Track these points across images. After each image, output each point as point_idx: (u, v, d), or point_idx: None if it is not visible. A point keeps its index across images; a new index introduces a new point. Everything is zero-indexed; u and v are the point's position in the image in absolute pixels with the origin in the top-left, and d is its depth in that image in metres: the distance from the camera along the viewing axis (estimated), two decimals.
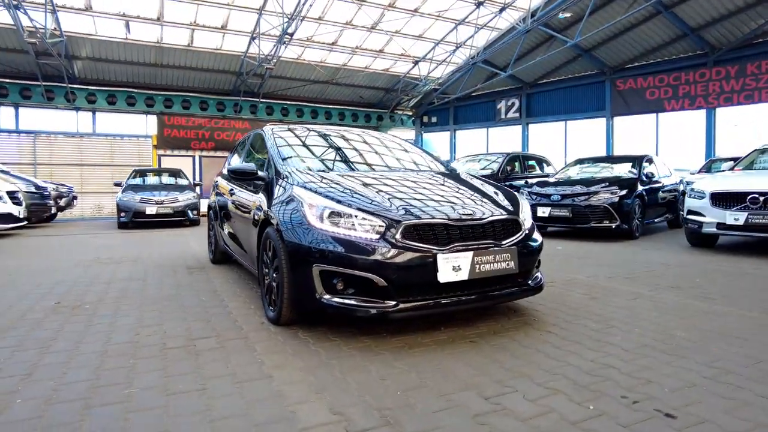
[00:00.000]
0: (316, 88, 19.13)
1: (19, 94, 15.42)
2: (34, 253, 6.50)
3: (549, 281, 4.25)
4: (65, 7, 12.85)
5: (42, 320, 3.13)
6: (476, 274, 2.55)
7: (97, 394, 2.00)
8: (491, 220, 2.73)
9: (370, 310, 2.47)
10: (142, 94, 17.13)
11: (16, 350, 2.56)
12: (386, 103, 20.88)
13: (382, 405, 1.87)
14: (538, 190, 7.91)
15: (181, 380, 2.13)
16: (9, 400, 1.95)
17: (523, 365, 2.27)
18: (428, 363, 2.31)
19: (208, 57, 16.18)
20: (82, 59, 15.41)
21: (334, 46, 16.55)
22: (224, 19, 14.51)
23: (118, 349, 2.54)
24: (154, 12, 13.72)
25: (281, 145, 3.70)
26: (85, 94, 16.28)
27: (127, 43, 14.86)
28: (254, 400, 1.94)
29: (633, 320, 3.02)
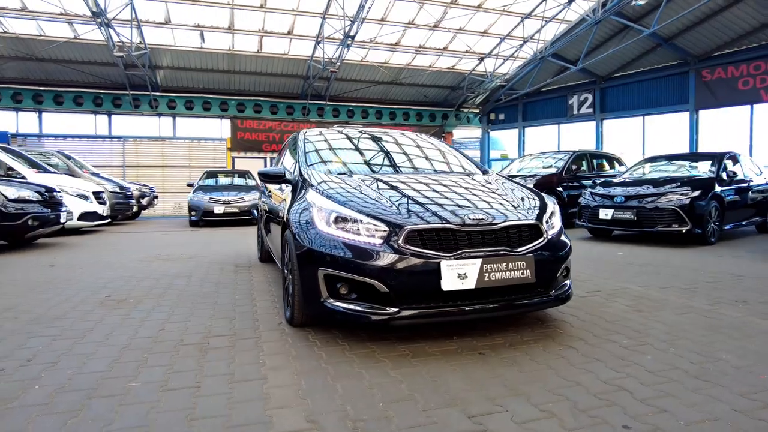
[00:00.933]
0: (380, 89, 19.29)
1: (112, 103, 16.98)
2: (107, 249, 7.12)
3: (593, 290, 3.96)
4: (148, 22, 13.94)
5: (89, 312, 3.39)
6: (485, 282, 2.41)
7: (103, 386, 2.12)
8: (505, 225, 2.57)
9: (371, 317, 2.42)
10: (216, 99, 18.20)
11: (55, 339, 2.79)
12: (451, 102, 20.58)
13: (360, 416, 1.81)
14: (600, 191, 7.41)
15: (181, 377, 2.21)
16: (29, 386, 2.13)
17: (526, 382, 2.11)
18: (425, 374, 2.22)
19: (276, 62, 16.85)
20: (164, 68, 16.65)
21: (397, 47, 16.59)
22: (290, 25, 15.02)
23: (139, 343, 2.70)
24: (226, 21, 14.50)
25: (309, 150, 3.74)
26: (166, 100, 17.59)
27: (202, 52, 15.85)
28: (239, 401, 1.96)
29: (673, 338, 2.71)
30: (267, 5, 13.87)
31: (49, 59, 15.09)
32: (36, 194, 6.87)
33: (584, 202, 7.55)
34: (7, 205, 6.38)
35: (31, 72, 15.66)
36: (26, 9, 13.03)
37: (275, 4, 13.94)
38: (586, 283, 4.24)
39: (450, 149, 4.24)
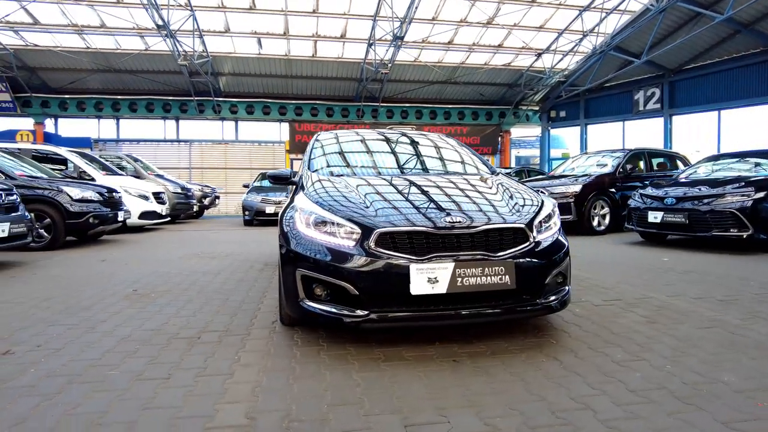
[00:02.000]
0: (434, 89, 19.15)
1: (179, 109, 18.15)
2: (158, 246, 7.63)
3: (613, 299, 3.70)
4: (209, 31, 14.76)
5: (112, 305, 3.66)
6: (457, 288, 2.33)
7: (87, 373, 2.28)
8: (485, 229, 2.47)
9: (343, 319, 2.42)
10: (275, 104, 18.91)
11: (70, 328, 3.04)
12: (509, 99, 20.01)
13: (299, 416, 1.82)
14: (651, 192, 6.89)
15: (158, 368, 2.33)
16: (26, 369, 2.33)
17: (488, 394, 2.02)
18: (388, 379, 2.18)
19: (330, 66, 17.23)
20: (226, 75, 17.55)
21: (450, 45, 16.40)
22: (343, 28, 15.30)
23: (139, 335, 2.87)
24: (281, 27, 15.03)
25: (316, 152, 3.80)
26: (228, 105, 18.52)
27: (260, 58, 16.54)
28: (197, 394, 2.04)
29: (679, 354, 2.48)
30: (319, 10, 14.23)
31: (125, 70, 16.42)
32: (97, 195, 7.50)
33: (633, 204, 7.06)
34: (71, 205, 7.03)
35: (110, 83, 17.10)
36: (105, 25, 14.25)
37: (327, 8, 14.27)
38: (610, 291, 3.97)
39: (464, 150, 4.13)
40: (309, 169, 3.52)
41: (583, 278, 4.54)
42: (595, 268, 5.13)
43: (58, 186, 7.12)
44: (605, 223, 8.60)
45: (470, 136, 20.31)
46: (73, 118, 17.82)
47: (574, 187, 8.48)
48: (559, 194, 8.47)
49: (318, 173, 3.41)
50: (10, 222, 5.16)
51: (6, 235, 5.09)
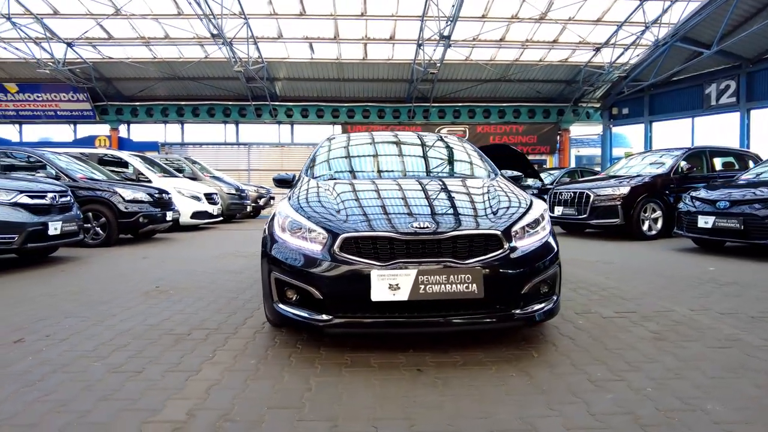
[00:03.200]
0: (487, 87, 18.75)
1: (238, 114, 19.03)
2: (200, 245, 8.05)
3: (628, 311, 3.44)
4: (263, 38, 15.35)
5: (130, 300, 3.91)
6: (420, 295, 2.27)
7: (74, 363, 2.45)
8: (453, 235, 2.38)
9: (310, 323, 2.43)
10: (328, 107, 19.34)
11: (82, 320, 3.28)
12: (567, 97, 19.18)
13: (236, 416, 1.85)
14: (702, 195, 6.34)
15: (136, 362, 2.46)
16: (26, 357, 2.55)
17: (432, 408, 1.95)
18: (341, 384, 2.17)
19: (381, 67, 17.36)
20: (281, 80, 18.17)
21: (502, 42, 15.99)
22: (392, 30, 15.36)
23: (137, 330, 3.04)
24: (331, 32, 15.33)
25: (318, 155, 3.85)
26: (284, 109, 19.17)
27: (313, 63, 16.97)
28: (158, 388, 2.13)
29: (671, 377, 2.26)
30: (368, 13, 14.38)
31: (188, 77, 17.46)
32: (147, 196, 8.03)
33: (683, 208, 6.53)
34: (123, 205, 7.58)
35: (175, 90, 18.26)
36: (168, 36, 15.24)
37: (376, 11, 14.39)
38: (629, 302, 3.69)
39: (471, 153, 4.01)
40: (305, 172, 3.57)
41: (606, 287, 4.26)
42: (627, 276, 4.80)
43: (112, 188, 7.70)
44: (657, 228, 8.00)
45: (526, 135, 19.69)
46: (142, 123, 19.21)
47: (622, 188, 7.97)
48: (605, 196, 8.00)
49: (312, 177, 3.45)
50: (62, 221, 5.65)
51: (59, 233, 5.58)
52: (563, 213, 8.68)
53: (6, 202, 5.10)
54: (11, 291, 4.25)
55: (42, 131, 19.22)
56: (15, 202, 5.17)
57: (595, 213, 8.04)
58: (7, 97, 17.65)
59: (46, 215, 5.49)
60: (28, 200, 5.31)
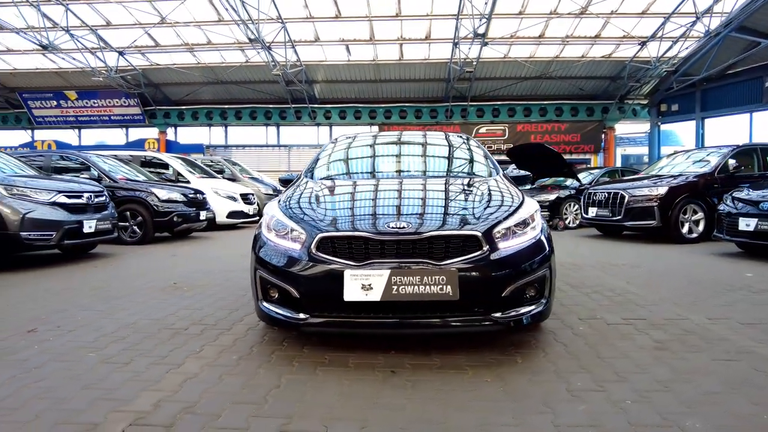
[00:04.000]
0: (527, 85, 18.29)
1: (279, 116, 19.49)
2: (229, 243, 8.30)
3: (639, 318, 3.27)
4: (300, 41, 15.65)
5: (144, 295, 4.09)
6: (393, 296, 2.24)
7: (72, 353, 2.60)
8: (429, 236, 2.34)
9: (289, 321, 2.46)
10: (366, 108, 19.48)
11: (95, 313, 3.46)
12: (612, 93, 18.40)
13: (198, 410, 1.90)
14: (745, 195, 5.91)
15: (127, 354, 2.57)
16: (32, 345, 2.72)
17: (389, 410, 1.93)
18: (310, 383, 2.18)
19: (417, 67, 17.31)
20: (320, 82, 18.46)
21: (542, 39, 15.56)
22: (427, 30, 15.29)
23: (140, 324, 3.17)
24: (367, 33, 15.43)
25: (321, 157, 3.88)
26: (323, 111, 19.47)
27: (349, 65, 17.15)
28: (138, 380, 2.22)
29: (657, 390, 2.12)
30: (402, 13, 14.37)
31: (230, 81, 18.07)
32: (182, 196, 8.37)
33: (723, 209, 6.11)
34: (158, 205, 7.94)
35: (218, 94, 18.94)
36: (210, 42, 15.83)
37: (411, 11, 14.36)
38: (641, 309, 3.50)
39: (475, 150, 3.93)
40: (305, 173, 3.61)
41: (624, 292, 4.06)
42: (651, 281, 4.55)
43: (149, 188, 8.09)
44: (698, 231, 7.53)
45: (569, 134, 19.06)
46: (188, 126, 20.05)
47: (659, 189, 7.56)
48: (641, 197, 7.61)
49: (309, 178, 3.49)
50: (97, 220, 5.99)
51: (93, 231, 5.92)
52: (597, 214, 8.34)
53: (46, 202, 5.46)
54: (43, 284, 4.55)
55: (98, 135, 20.46)
56: (54, 202, 5.53)
57: (630, 214, 7.67)
58: (68, 104, 18.91)
59: (82, 214, 5.84)
60: (66, 200, 5.66)
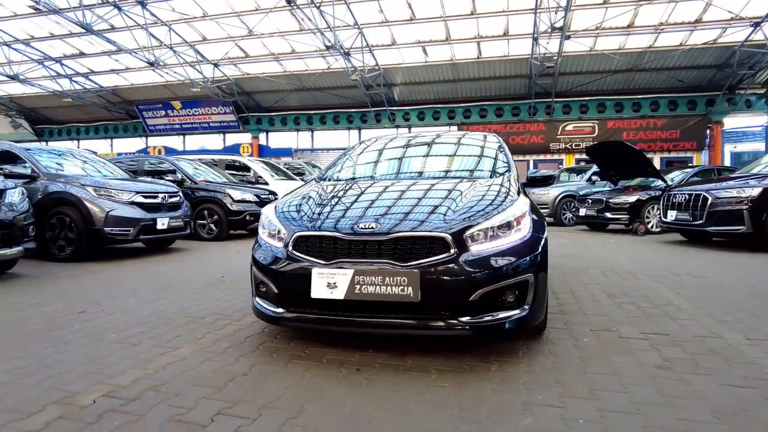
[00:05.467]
0: (617, 79, 17.01)
1: (360, 120, 20.06)
2: None
3: (660, 332, 2.98)
4: (377, 45, 15.99)
5: (191, 287, 4.49)
6: (355, 295, 2.29)
7: (99, 333, 2.96)
8: (395, 237, 2.34)
9: (270, 316, 2.60)
10: (444, 108, 19.38)
11: (139, 301, 3.89)
12: (719, 84, 16.47)
13: (161, 389, 2.10)
14: None
15: (139, 336, 2.87)
16: (72, 324, 3.15)
17: (332, 404, 1.98)
18: (275, 375, 2.30)
19: (496, 65, 16.87)
20: (398, 85, 18.72)
21: (631, 29, 14.40)
22: (504, 26, 14.86)
23: (167, 312, 3.51)
24: (443, 33, 15.36)
25: (337, 160, 4.00)
26: (402, 114, 19.70)
27: (427, 66, 17.18)
28: (134, 358, 2.49)
29: (623, 410, 1.95)
30: (478, 11, 14.10)
31: (314, 88, 18.96)
32: (255, 196, 9.01)
33: None
34: (232, 204, 8.62)
35: (304, 100, 19.96)
36: (294, 51, 16.75)
37: (486, 8, 14.05)
38: (671, 323, 3.16)
39: (488, 150, 3.80)
40: (317, 175, 3.75)
41: (664, 303, 3.69)
42: (707, 293, 4.07)
43: (225, 189, 8.81)
44: None
45: (666, 130, 17.39)
46: (278, 131, 21.37)
47: (750, 190, 6.66)
48: (728, 199, 6.76)
49: (318, 179, 3.62)
50: (169, 218, 6.68)
51: (166, 228, 6.61)
52: (676, 218, 7.55)
53: (125, 201, 6.21)
54: (115, 273, 5.19)
55: (200, 141, 22.55)
56: (132, 201, 6.27)
57: (714, 218, 6.84)
58: (174, 113, 21.11)
59: (156, 212, 6.54)
60: (142, 199, 6.39)
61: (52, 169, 6.43)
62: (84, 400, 2.02)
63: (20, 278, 4.91)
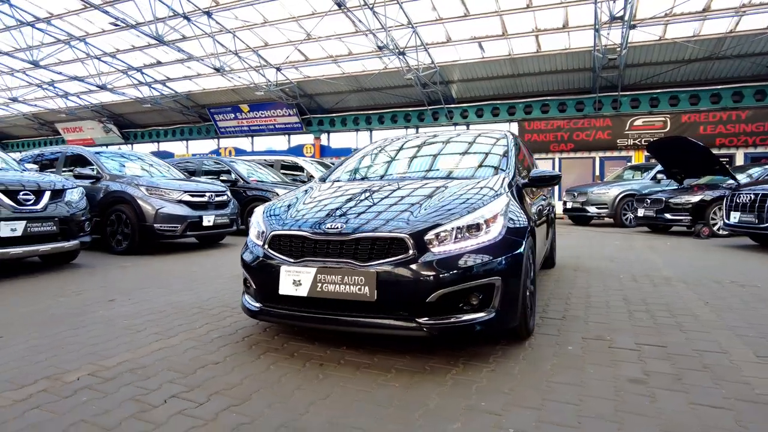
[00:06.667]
0: (692, 69, 15.71)
1: (417, 118, 20.07)
2: None
3: (660, 344, 2.80)
4: (433, 44, 15.93)
5: (217, 280, 4.82)
6: (317, 293, 2.38)
7: (115, 319, 3.28)
8: (357, 237, 2.39)
9: (250, 310, 2.75)
10: (504, 105, 18.89)
11: (164, 292, 4.24)
12: None
13: (138, 371, 2.32)
14: None
15: (146, 324, 3.15)
16: (99, 310, 3.51)
17: (279, 395, 2.08)
18: (242, 365, 2.44)
19: (557, 59, 16.21)
20: (456, 82, 18.50)
21: (708, 13, 13.22)
22: (564, 18, 14.24)
23: (183, 303, 3.79)
24: (499, 28, 15.00)
25: (343, 162, 4.10)
26: (459, 111, 19.47)
27: (484, 62, 16.86)
28: (130, 342, 2.75)
29: (558, 423, 1.89)
30: (534, 4, 13.62)
31: (371, 88, 19.23)
32: None
33: None
34: None
35: (363, 100, 20.29)
36: (351, 52, 17.09)
37: (543, 0, 13.52)
38: (679, 335, 2.94)
39: (487, 149, 3.75)
40: (320, 176, 3.87)
41: (683, 314, 3.43)
42: (740, 305, 3.72)
43: (273, 188, 9.24)
44: None
45: (752, 123, 15.77)
46: (338, 132, 21.89)
47: None
48: None
49: (318, 180, 3.74)
50: (215, 215, 7.14)
51: (211, 224, 7.07)
52: (740, 220, 6.89)
53: (174, 200, 6.72)
54: (157, 266, 5.66)
55: (267, 142, 23.63)
56: (180, 200, 6.78)
57: None
58: (242, 116, 22.30)
59: (203, 210, 7.02)
60: (189, 198, 6.88)
61: (114, 171, 7.11)
62: (70, 377, 2.28)
63: (79, 268, 5.50)
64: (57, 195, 5.15)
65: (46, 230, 4.90)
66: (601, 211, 11.82)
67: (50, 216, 4.95)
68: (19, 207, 4.71)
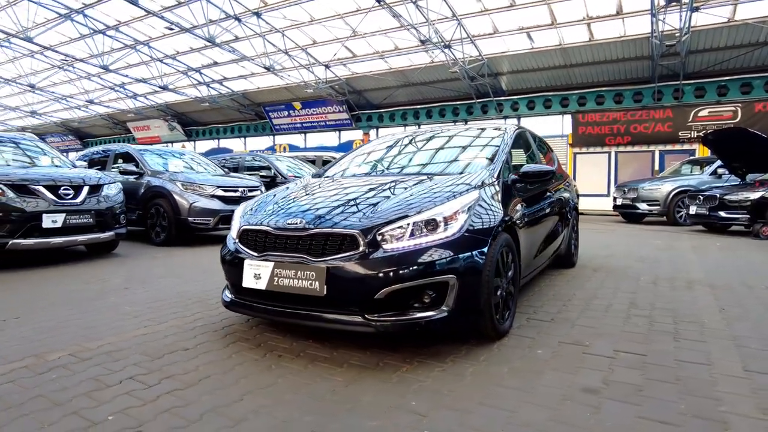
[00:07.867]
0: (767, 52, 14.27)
1: (466, 112, 19.76)
2: None
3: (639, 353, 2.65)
4: (479, 35, 15.60)
5: None
6: (274, 286, 2.45)
7: (120, 305, 3.55)
8: (311, 233, 2.44)
9: (224, 301, 2.89)
10: (556, 96, 18.16)
11: (173, 282, 4.51)
12: None
13: (114, 352, 2.51)
14: None
15: (146, 311, 3.39)
16: (111, 296, 3.81)
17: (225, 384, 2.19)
18: (208, 353, 2.57)
19: (612, 47, 15.37)
20: (505, 74, 18.02)
21: None
22: (617, 4, 13.44)
23: (188, 293, 4.02)
24: (547, 18, 14.42)
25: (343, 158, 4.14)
26: (510, 103, 18.94)
27: (534, 52, 16.29)
28: (122, 327, 2.97)
29: (480, 426, 1.85)
30: None
31: (419, 83, 19.12)
32: None
33: None
34: None
35: (411, 95, 20.23)
36: (397, 47, 17.06)
37: None
38: (670, 343, 2.76)
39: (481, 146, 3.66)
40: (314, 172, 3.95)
41: (686, 320, 3.20)
42: (760, 315, 3.41)
43: None
44: None
45: None
46: (387, 127, 21.96)
47: None
48: None
49: (306, 176, 3.82)
50: None
51: None
52: None
53: (207, 195, 7.09)
54: (186, 258, 6.01)
55: (319, 138, 24.17)
56: (213, 194, 7.14)
57: None
58: (295, 113, 22.94)
59: (236, 204, 7.31)
60: (222, 193, 7.24)
61: (156, 167, 7.60)
62: (52, 356, 2.51)
63: (115, 257, 5.96)
64: (95, 190, 5.60)
65: (83, 222, 5.35)
66: (653, 208, 11.10)
67: (87, 209, 5.40)
68: (59, 201, 5.17)
